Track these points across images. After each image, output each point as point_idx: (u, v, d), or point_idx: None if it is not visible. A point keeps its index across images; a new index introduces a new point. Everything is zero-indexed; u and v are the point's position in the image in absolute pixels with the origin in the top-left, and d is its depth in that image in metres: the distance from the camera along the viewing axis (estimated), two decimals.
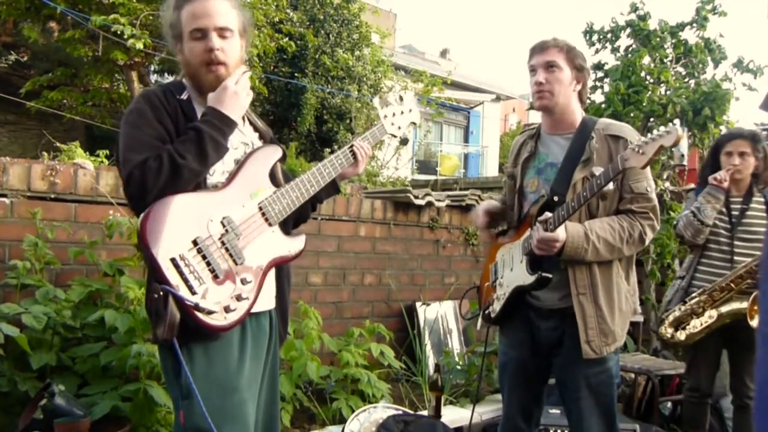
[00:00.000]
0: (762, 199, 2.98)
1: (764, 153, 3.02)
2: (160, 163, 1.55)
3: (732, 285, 2.89)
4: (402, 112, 2.08)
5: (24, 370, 2.52)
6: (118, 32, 6.61)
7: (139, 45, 6.65)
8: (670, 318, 3.08)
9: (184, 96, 1.70)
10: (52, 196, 2.97)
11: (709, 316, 2.94)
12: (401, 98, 2.10)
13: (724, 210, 3.02)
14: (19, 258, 2.69)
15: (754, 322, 2.80)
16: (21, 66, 10.07)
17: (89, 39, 7.55)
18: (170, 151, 1.58)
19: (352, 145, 1.91)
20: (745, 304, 2.82)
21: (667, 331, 3.10)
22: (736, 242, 2.96)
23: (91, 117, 8.47)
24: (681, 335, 3.02)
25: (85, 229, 3.02)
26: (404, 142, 2.15)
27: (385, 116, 2.04)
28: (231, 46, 1.69)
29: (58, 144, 4.89)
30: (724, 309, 2.90)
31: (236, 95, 1.67)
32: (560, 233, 1.99)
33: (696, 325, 2.98)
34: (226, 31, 1.67)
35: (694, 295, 2.99)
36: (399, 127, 2.07)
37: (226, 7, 1.69)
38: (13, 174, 2.87)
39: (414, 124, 2.12)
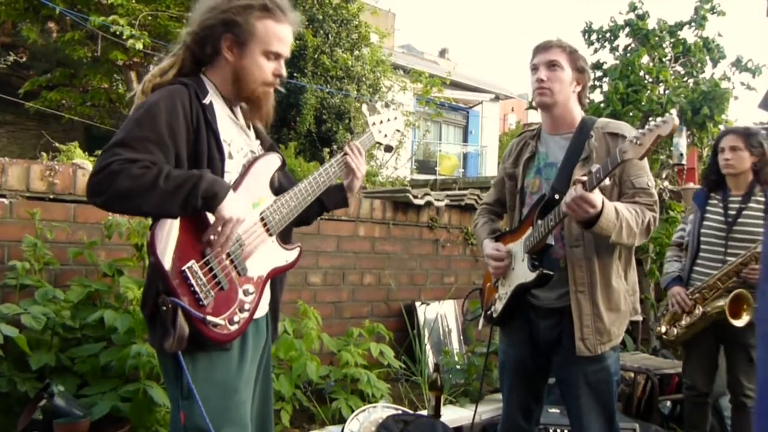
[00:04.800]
0: (762, 199, 2.95)
1: (763, 148, 2.97)
2: (143, 173, 1.47)
3: (719, 283, 2.92)
4: (388, 120, 2.09)
5: (23, 371, 2.52)
6: (117, 33, 6.62)
7: (139, 45, 6.67)
8: (667, 316, 3.15)
9: (206, 101, 1.64)
10: (51, 196, 2.96)
11: (695, 314, 3.00)
12: (387, 105, 2.11)
13: (721, 210, 3.01)
14: (18, 258, 2.69)
15: (738, 321, 2.83)
16: (20, 66, 10.07)
17: (88, 39, 7.55)
18: (164, 170, 1.50)
19: (345, 154, 1.90)
20: (724, 302, 2.85)
21: (662, 327, 3.17)
22: (730, 242, 2.95)
23: (90, 117, 8.48)
24: (674, 331, 3.09)
25: (84, 229, 3.02)
26: (389, 149, 2.16)
27: (374, 123, 2.05)
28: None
29: (57, 144, 4.90)
30: (709, 306, 2.94)
31: (237, 223, 1.58)
32: (597, 198, 1.89)
33: (686, 321, 3.03)
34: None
35: (689, 293, 3.04)
36: (385, 135, 2.08)
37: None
38: (12, 174, 2.87)
39: (398, 131, 2.13)
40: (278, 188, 1.80)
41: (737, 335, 2.90)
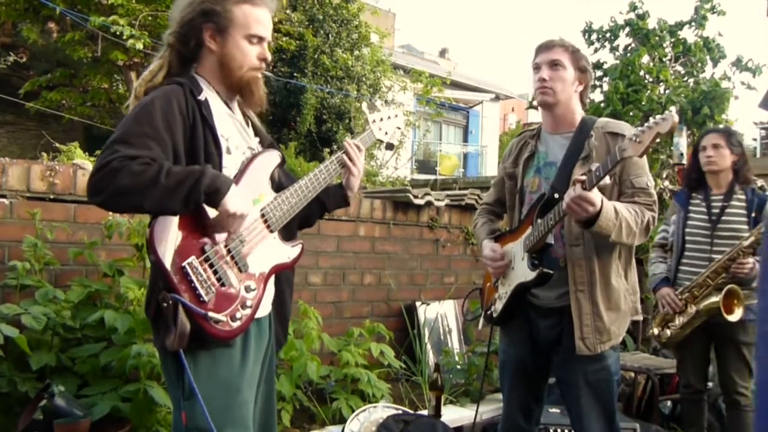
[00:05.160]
0: (743, 197, 3.00)
1: (742, 148, 3.05)
2: (144, 169, 1.46)
3: (709, 281, 2.94)
4: (389, 117, 2.08)
5: (24, 371, 2.52)
6: (117, 33, 6.63)
7: (139, 45, 6.67)
8: (657, 318, 3.16)
9: (201, 97, 1.65)
10: (52, 196, 2.96)
11: (688, 313, 3.01)
12: (387, 102, 2.11)
13: (704, 209, 3.05)
14: (19, 259, 2.69)
15: (732, 317, 2.85)
16: (20, 67, 10.08)
17: (88, 40, 7.56)
18: (165, 166, 1.50)
19: (344, 152, 1.91)
20: (718, 298, 2.86)
21: (654, 330, 3.18)
22: (715, 240, 2.99)
23: (90, 117, 8.49)
24: (667, 332, 3.10)
25: (84, 229, 3.02)
26: (390, 147, 2.15)
27: (374, 121, 2.05)
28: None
29: (57, 144, 4.90)
30: (702, 305, 2.96)
31: (241, 217, 1.60)
32: (597, 197, 1.90)
33: (679, 321, 3.04)
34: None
35: (678, 293, 3.05)
36: (386, 132, 2.08)
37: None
38: (13, 175, 2.87)
39: (399, 128, 2.13)
40: (278, 185, 1.80)
41: (728, 333, 2.93)
